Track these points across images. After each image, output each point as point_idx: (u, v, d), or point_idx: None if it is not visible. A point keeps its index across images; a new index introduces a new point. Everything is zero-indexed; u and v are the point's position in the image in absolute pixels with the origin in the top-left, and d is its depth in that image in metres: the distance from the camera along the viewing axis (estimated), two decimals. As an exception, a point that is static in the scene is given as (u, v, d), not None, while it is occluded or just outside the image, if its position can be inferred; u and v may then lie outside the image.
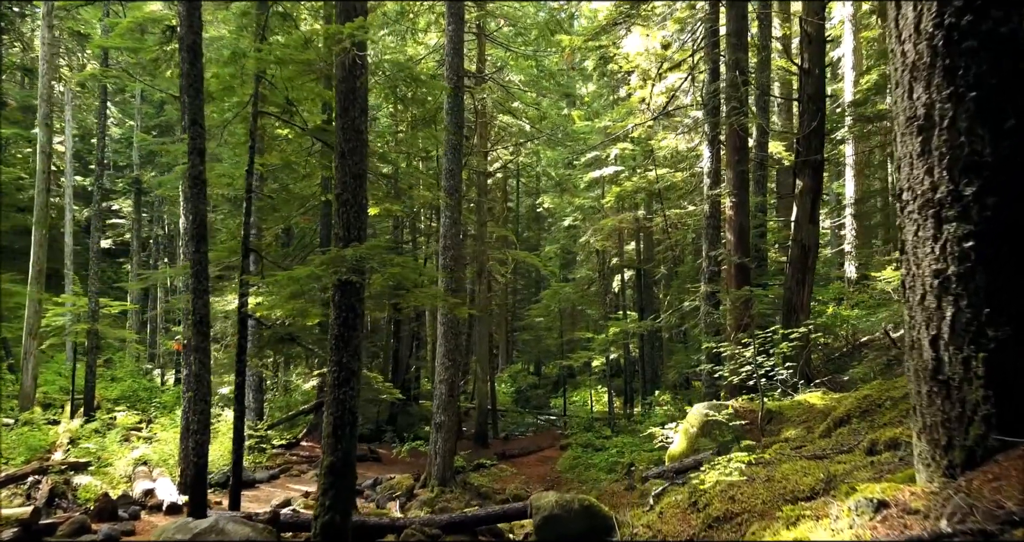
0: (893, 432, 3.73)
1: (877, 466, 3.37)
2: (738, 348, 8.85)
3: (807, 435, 7.21)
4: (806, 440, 6.24)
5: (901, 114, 2.96)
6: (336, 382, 7.16)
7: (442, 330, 14.68)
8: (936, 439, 2.71)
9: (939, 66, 2.76)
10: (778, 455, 4.95)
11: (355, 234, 7.30)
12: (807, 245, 12.52)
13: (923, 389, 2.79)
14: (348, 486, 7.10)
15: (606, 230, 24.17)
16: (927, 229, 2.79)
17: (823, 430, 6.14)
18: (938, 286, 2.73)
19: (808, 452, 4.84)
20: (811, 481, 3.54)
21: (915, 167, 2.86)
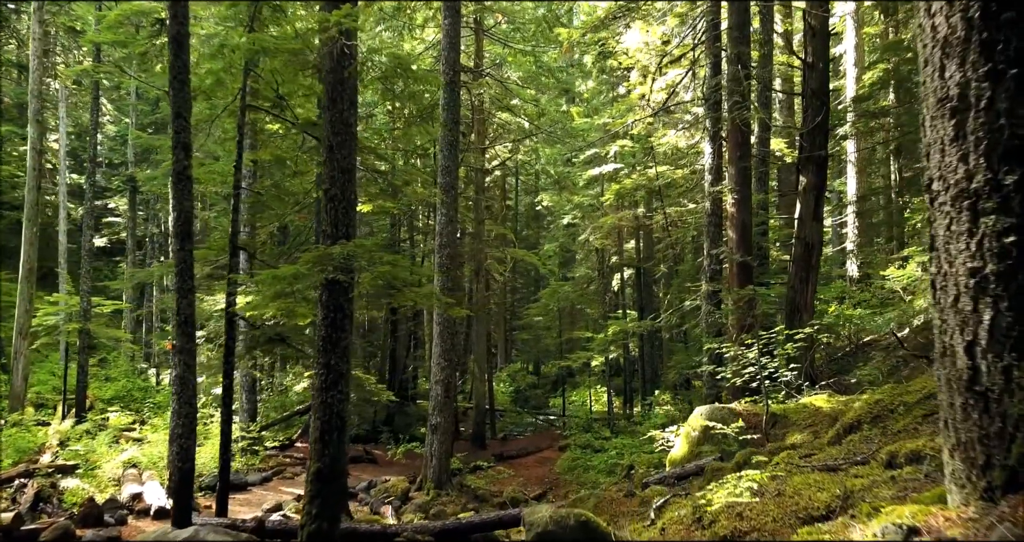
0: (914, 444, 3.45)
1: (899, 482, 3.10)
2: (741, 349, 8.57)
3: (814, 440, 6.92)
4: (815, 447, 5.95)
5: (931, 95, 2.67)
6: (324, 385, 6.88)
7: (438, 330, 14.40)
8: (972, 457, 2.43)
9: (975, 40, 2.47)
10: (787, 465, 4.67)
11: (343, 231, 7.01)
12: (811, 243, 12.22)
13: (957, 401, 2.50)
14: (336, 493, 6.81)
15: (605, 228, 23.88)
16: (961, 223, 2.50)
17: (832, 436, 5.86)
18: (974, 286, 2.44)
19: (819, 462, 4.55)
20: (826, 497, 3.26)
21: (947, 154, 2.57)
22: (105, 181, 35.58)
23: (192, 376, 8.20)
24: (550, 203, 30.92)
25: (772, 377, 8.81)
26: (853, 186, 21.55)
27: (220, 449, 8.94)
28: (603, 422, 22.26)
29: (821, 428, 7.53)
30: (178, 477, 8.00)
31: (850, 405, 8.04)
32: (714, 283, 13.19)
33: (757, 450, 7.06)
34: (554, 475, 17.58)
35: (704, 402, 12.82)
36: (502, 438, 23.75)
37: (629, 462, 15.36)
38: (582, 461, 17.50)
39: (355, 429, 23.38)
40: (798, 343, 8.56)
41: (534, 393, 31.74)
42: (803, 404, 8.53)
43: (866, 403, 5.78)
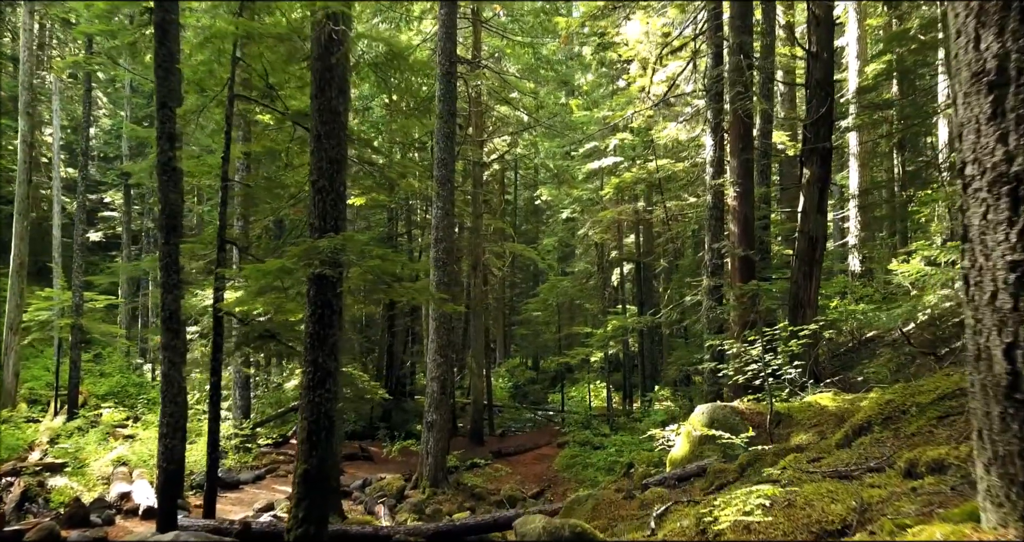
0: (936, 451, 3.19)
1: (922, 495, 2.84)
2: (744, 346, 8.31)
3: (820, 442, 6.67)
4: (822, 449, 5.69)
5: (964, 69, 2.40)
6: (311, 383, 6.63)
7: (434, 326, 14.14)
8: (1012, 473, 2.17)
9: (1016, 6, 2.20)
10: (795, 470, 4.42)
11: (331, 224, 6.74)
12: (814, 237, 11.95)
13: (994, 410, 2.24)
14: (325, 496, 6.56)
15: (605, 222, 23.60)
16: (999, 211, 2.24)
17: (840, 438, 5.60)
18: (1015, 282, 2.18)
19: (829, 467, 4.30)
20: (841, 510, 3.01)
21: (983, 134, 2.31)
22: (100, 175, 35.30)
23: (179, 374, 7.95)
24: (549, 197, 30.65)
25: (775, 375, 8.55)
26: (855, 180, 21.27)
27: (208, 448, 8.68)
28: (602, 418, 22.03)
29: (827, 428, 7.28)
30: (163, 478, 7.75)
31: (857, 404, 7.79)
32: (715, 278, 12.93)
33: (761, 450, 6.81)
34: (552, 472, 17.35)
35: (705, 399, 12.58)
36: (500, 434, 23.51)
37: (629, 460, 15.12)
38: (581, 458, 17.28)
39: (351, 426, 23.15)
40: (802, 340, 8.30)
41: (533, 388, 31.51)
42: (808, 403, 8.28)
43: (876, 403, 5.53)
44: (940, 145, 20.05)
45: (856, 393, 9.27)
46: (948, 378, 5.31)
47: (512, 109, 23.22)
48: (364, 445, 19.23)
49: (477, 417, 20.94)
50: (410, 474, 14.92)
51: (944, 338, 10.68)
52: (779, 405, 8.14)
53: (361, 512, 12.70)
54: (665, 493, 7.07)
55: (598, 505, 7.08)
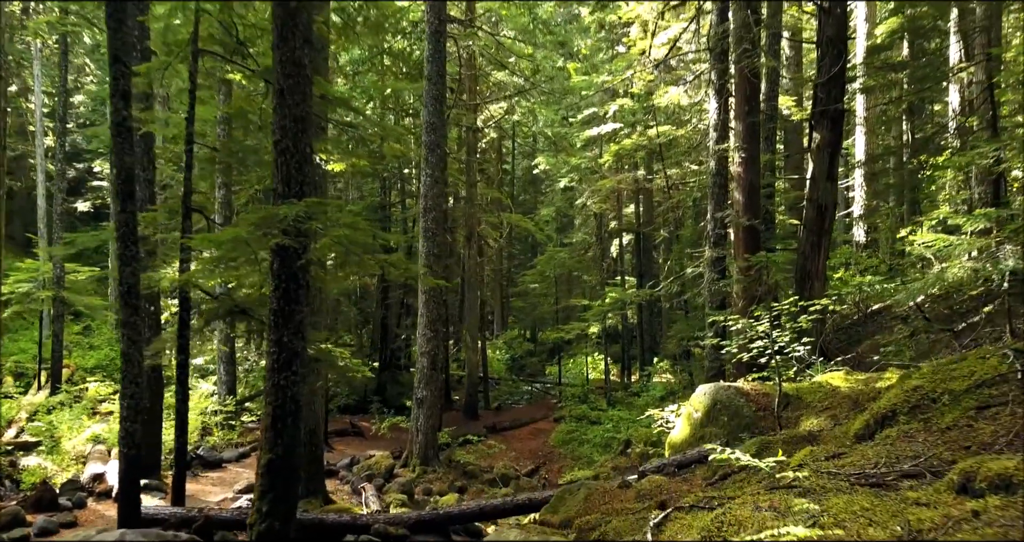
0: (999, 464, 2.59)
1: (988, 522, 2.25)
2: (749, 321, 7.70)
3: (834, 428, 6.09)
4: (840, 442, 5.11)
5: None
6: (275, 365, 6.03)
7: (423, 299, 13.55)
8: None
9: None
10: (814, 471, 3.82)
11: (296, 189, 6.08)
12: (823, 205, 11.29)
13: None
14: (291, 487, 6.00)
15: (604, 191, 22.89)
16: None
17: (860, 428, 5.00)
18: None
19: (854, 469, 3.71)
20: (882, 537, 2.42)
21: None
22: (87, 143, 34.42)
23: (138, 352, 7.35)
24: (547, 166, 29.84)
25: (782, 352, 7.94)
26: (862, 146, 20.51)
27: (175, 431, 8.14)
28: (600, 391, 21.55)
29: (840, 412, 6.71)
30: (124, 464, 7.19)
31: (872, 385, 7.20)
32: (718, 249, 12.29)
33: (769, 439, 6.24)
34: (548, 448, 16.91)
35: (706, 376, 12.03)
36: (496, 408, 23.09)
37: (626, 436, 14.64)
38: (577, 434, 16.82)
39: (343, 400, 22.72)
40: (812, 315, 7.69)
41: (530, 361, 31.05)
42: (818, 383, 7.69)
43: (900, 389, 4.93)
44: (951, 110, 19.28)
45: (869, 372, 8.70)
46: (984, 362, 4.70)
47: (508, 74, 22.36)
48: (355, 421, 18.77)
49: (472, 391, 20.47)
50: (400, 451, 14.44)
51: (961, 312, 10.08)
52: (787, 385, 7.56)
53: (347, 492, 12.23)
54: (664, 482, 6.52)
55: (590, 496, 6.53)
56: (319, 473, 10.72)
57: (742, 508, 3.18)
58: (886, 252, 21.30)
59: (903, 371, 7.23)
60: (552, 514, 6.72)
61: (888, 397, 5.03)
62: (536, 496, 7.36)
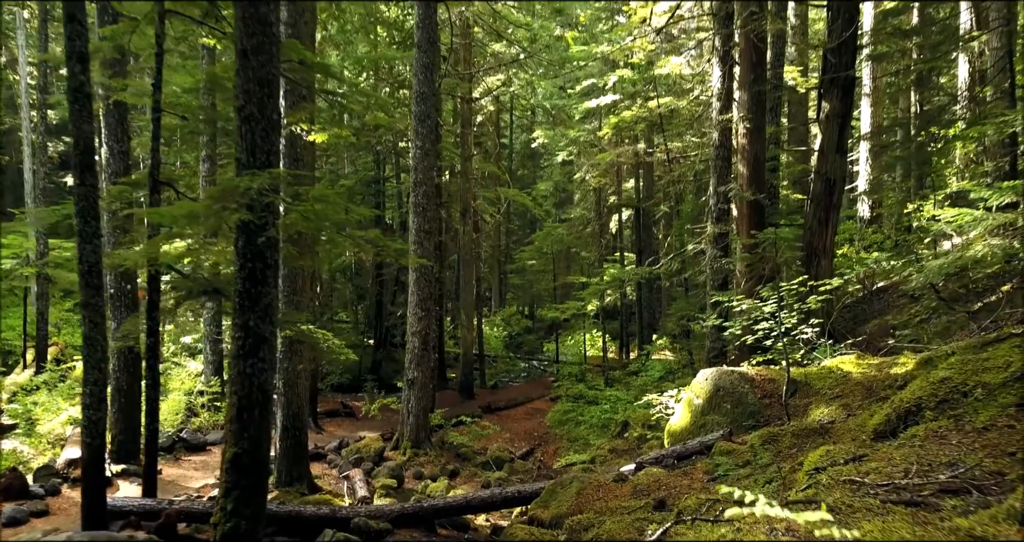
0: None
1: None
2: (756, 302, 7.20)
3: (848, 419, 5.62)
4: (858, 438, 4.63)
5: None
6: (241, 351, 5.53)
7: (414, 277, 13.05)
8: None
9: None
10: (834, 480, 3.35)
11: (262, 159, 5.53)
12: (832, 179, 10.74)
13: None
14: (258, 484, 5.54)
15: (603, 165, 22.25)
16: None
17: (880, 423, 4.52)
18: None
19: (881, 477, 3.23)
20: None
21: None
22: (75, 116, 33.60)
23: (101, 336, 6.87)
24: (545, 139, 29.16)
25: (789, 334, 7.45)
26: (867, 118, 19.86)
27: (145, 419, 7.67)
28: (597, 369, 21.14)
29: (853, 400, 6.24)
30: (87, 455, 6.74)
31: (886, 371, 6.72)
32: (721, 225, 11.75)
33: (776, 431, 5.78)
34: (544, 429, 16.52)
35: (707, 357, 11.57)
36: (493, 386, 22.70)
37: (623, 418, 14.24)
38: (574, 414, 16.42)
39: (337, 378, 22.34)
40: (823, 296, 7.19)
41: (527, 339, 30.63)
42: (827, 368, 7.22)
43: (927, 381, 4.44)
44: (960, 81, 18.65)
45: (879, 355, 8.23)
46: (1022, 351, 4.20)
47: (505, 45, 21.61)
48: (347, 401, 18.36)
49: (467, 370, 20.04)
50: (391, 433, 14.05)
51: (977, 291, 9.58)
52: (794, 370, 7.09)
53: (335, 477, 11.85)
54: (663, 476, 6.08)
55: (583, 490, 6.09)
56: (303, 458, 10.31)
57: (754, 531, 2.71)
58: (891, 228, 20.77)
59: (919, 355, 6.75)
60: (543, 509, 6.28)
61: (912, 389, 4.55)
62: (526, 488, 6.93)
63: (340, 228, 5.78)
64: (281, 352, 10.19)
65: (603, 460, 12.29)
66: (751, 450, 5.61)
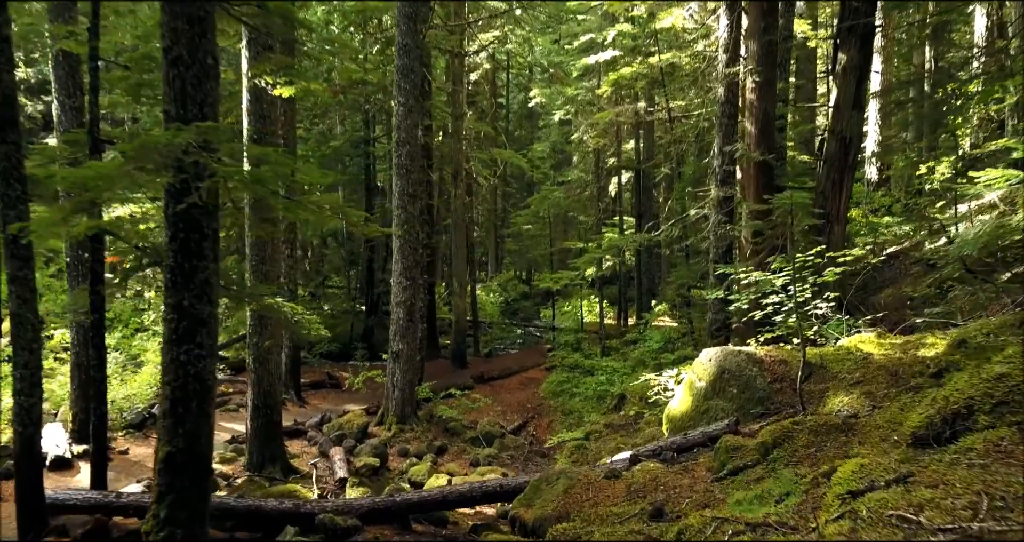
0: None
1: None
2: (767, 275, 6.42)
3: (874, 415, 4.90)
4: (887, 435, 3.91)
5: None
6: (174, 336, 4.78)
7: (398, 244, 12.28)
8: None
9: None
10: (873, 509, 2.64)
11: (196, 111, 4.70)
12: (848, 137, 9.90)
13: None
14: (197, 487, 4.84)
15: (602, 125, 21.28)
16: None
17: (921, 425, 3.78)
18: None
19: (942, 517, 2.51)
20: None
21: None
22: (54, 74, 32.41)
23: (31, 313, 6.13)
24: (542, 98, 28.03)
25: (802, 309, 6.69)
26: (877, 76, 18.84)
27: (93, 403, 6.97)
28: (594, 336, 20.47)
29: (876, 387, 5.52)
30: (19, 447, 6.05)
31: (913, 353, 5.98)
32: (725, 188, 10.91)
33: (790, 425, 5.06)
34: (538, 400, 15.91)
35: (709, 330, 10.85)
36: (487, 354, 22.08)
37: (620, 391, 13.59)
38: (569, 386, 15.80)
39: (327, 346, 21.68)
40: (841, 268, 6.42)
41: (524, 305, 29.93)
42: (845, 348, 6.48)
43: (979, 377, 3.70)
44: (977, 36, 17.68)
45: (902, 333, 7.49)
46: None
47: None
48: (335, 370, 17.72)
49: (459, 339, 19.38)
50: (378, 406, 13.41)
51: (1007, 261, 8.80)
52: (809, 351, 6.35)
53: (315, 455, 11.23)
54: (660, 472, 5.39)
55: (572, 488, 5.39)
56: (276, 438, 9.67)
57: None
58: (901, 191, 19.92)
59: (950, 334, 6.01)
60: (526, 507, 5.60)
61: (959, 385, 3.80)
62: (508, 482, 6.25)
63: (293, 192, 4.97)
64: (251, 326, 9.48)
65: (598, 436, 11.66)
66: (762, 447, 4.90)
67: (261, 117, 9.16)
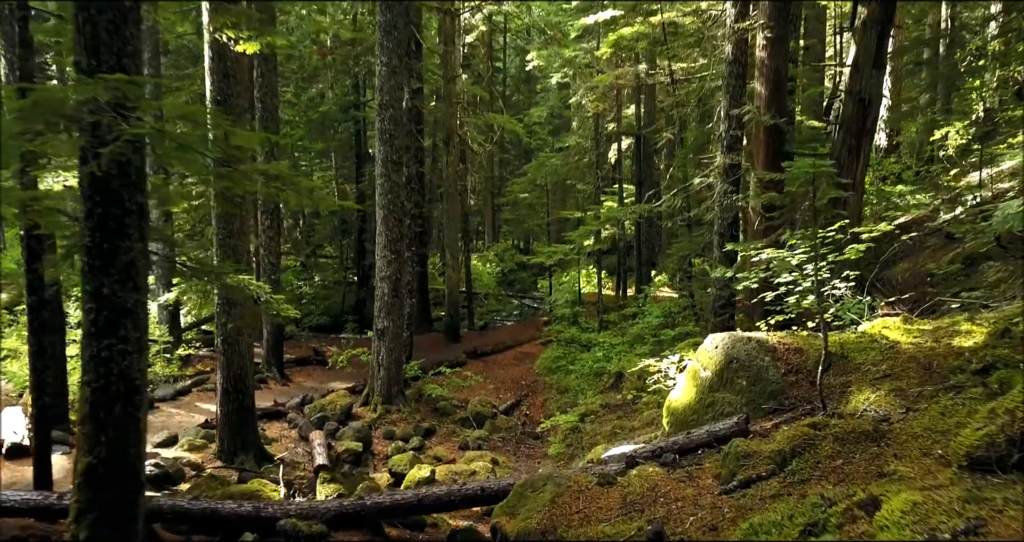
0: None
1: None
2: (781, 252, 5.70)
3: (909, 418, 4.22)
4: (934, 453, 3.24)
5: None
6: (93, 329, 4.09)
7: (382, 214, 11.53)
8: None
9: None
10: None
11: (111, 62, 3.94)
12: (867, 98, 9.09)
13: None
14: (124, 504, 4.19)
15: (601, 89, 20.31)
16: None
17: (979, 445, 3.11)
18: None
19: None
20: None
21: None
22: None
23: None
24: (540, 61, 26.97)
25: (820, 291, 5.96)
26: (890, 37, 17.86)
27: (32, 394, 6.32)
28: (592, 308, 19.81)
29: (907, 382, 4.84)
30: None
31: (943, 340, 5.29)
32: (732, 155, 10.12)
33: (806, 421, 4.39)
34: (532, 377, 15.31)
35: (713, 307, 10.17)
36: (482, 327, 21.46)
37: (617, 369, 12.97)
38: (565, 361, 15.18)
39: (316, 319, 21.05)
40: (865, 244, 5.70)
41: (521, 276, 29.18)
42: (869, 335, 5.79)
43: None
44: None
45: (922, 314, 6.80)
46: None
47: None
48: (320, 347, 17.07)
49: (452, 312, 18.73)
50: (364, 384, 12.80)
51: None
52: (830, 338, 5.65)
53: (295, 439, 10.65)
54: (660, 479, 4.74)
55: (560, 497, 4.75)
56: (249, 424, 9.05)
57: None
58: (912, 157, 19.10)
59: (988, 319, 5.32)
60: (508, 517, 4.96)
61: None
62: (490, 485, 5.62)
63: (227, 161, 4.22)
64: (218, 305, 8.81)
65: (594, 418, 11.06)
66: (778, 456, 4.24)
67: (225, 76, 8.35)
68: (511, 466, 9.79)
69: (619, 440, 9.56)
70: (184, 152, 3.89)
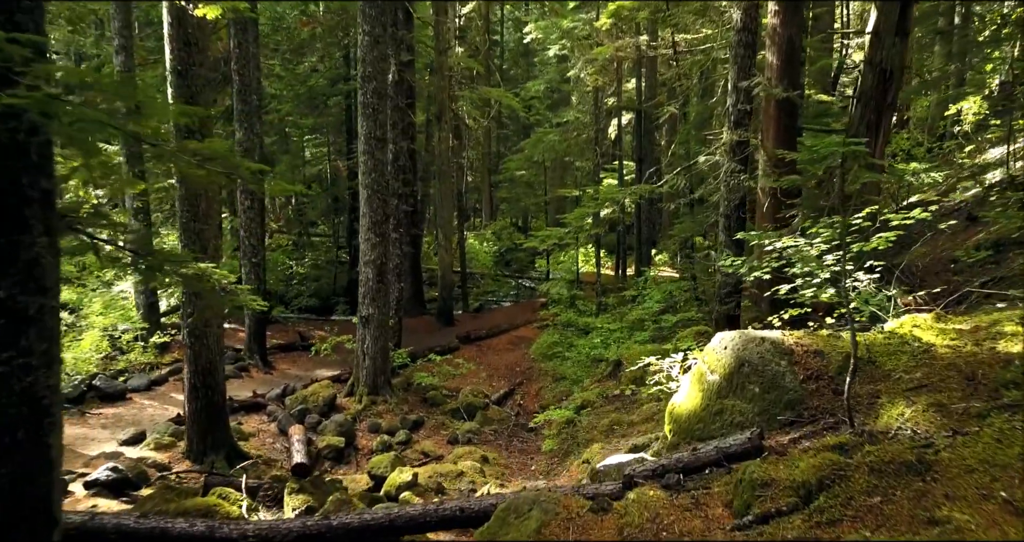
0: None
1: None
2: (799, 240, 5.04)
3: (956, 444, 3.57)
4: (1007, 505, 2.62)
5: None
6: (-10, 341, 3.43)
7: (365, 194, 10.85)
8: None
9: None
10: None
11: (1, 18, 3.24)
12: (889, 69, 8.34)
13: None
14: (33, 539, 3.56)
15: (600, 61, 19.46)
16: None
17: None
18: None
19: None
20: None
21: None
22: None
23: None
24: (537, 33, 26.05)
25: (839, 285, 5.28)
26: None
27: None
28: (590, 289, 19.18)
29: (949, 395, 4.19)
30: None
31: (985, 343, 4.64)
32: (740, 131, 9.38)
33: (830, 440, 3.75)
34: (527, 363, 14.72)
35: (718, 294, 9.51)
36: (477, 309, 20.86)
37: (616, 356, 12.36)
38: (562, 346, 14.59)
39: (306, 300, 20.44)
40: (893, 233, 5.02)
41: (517, 255, 28.48)
42: (898, 336, 5.14)
43: None
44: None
45: (950, 309, 6.15)
46: None
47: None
48: (307, 330, 16.46)
49: (445, 295, 18.10)
50: (349, 374, 12.21)
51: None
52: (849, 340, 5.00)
53: (274, 433, 10.07)
54: (662, 507, 4.11)
55: (545, 528, 4.13)
56: (220, 420, 8.44)
57: None
58: (923, 133, 18.35)
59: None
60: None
61: None
62: (471, 505, 5.00)
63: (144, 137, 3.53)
64: (184, 295, 8.16)
65: (591, 409, 10.49)
66: (802, 488, 3.62)
67: (187, 45, 7.62)
68: (502, 463, 9.23)
69: (617, 437, 8.98)
70: (84, 128, 3.20)
